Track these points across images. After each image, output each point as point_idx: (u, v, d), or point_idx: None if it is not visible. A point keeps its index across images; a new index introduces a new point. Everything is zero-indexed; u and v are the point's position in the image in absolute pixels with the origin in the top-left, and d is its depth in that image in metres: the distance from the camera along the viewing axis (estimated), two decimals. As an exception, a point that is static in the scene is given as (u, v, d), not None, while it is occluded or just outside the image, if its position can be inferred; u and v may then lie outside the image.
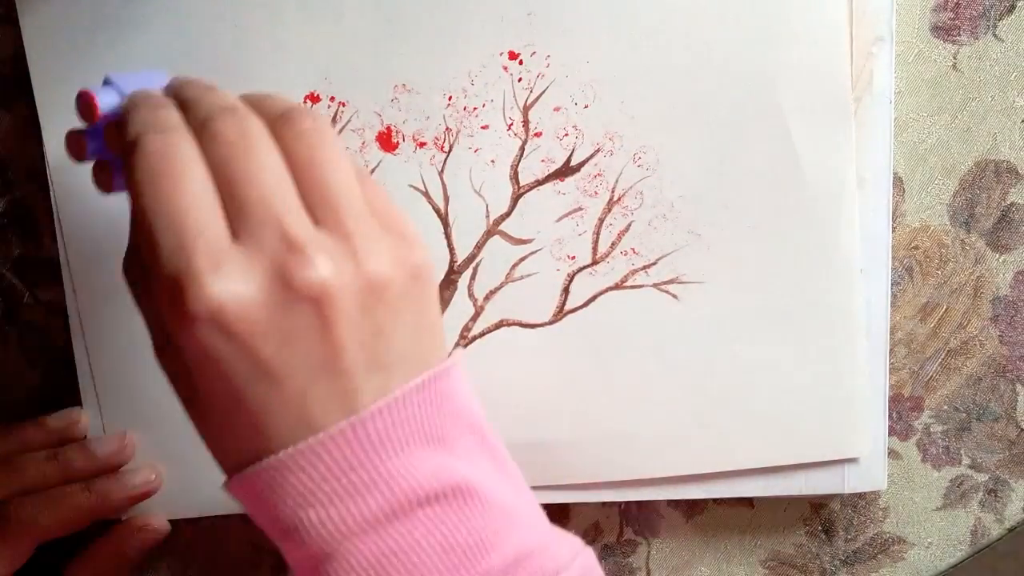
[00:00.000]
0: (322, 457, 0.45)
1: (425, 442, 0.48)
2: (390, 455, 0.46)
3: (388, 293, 0.46)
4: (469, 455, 0.50)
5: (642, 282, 0.65)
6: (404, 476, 0.46)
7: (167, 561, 0.73)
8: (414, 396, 0.47)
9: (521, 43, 0.63)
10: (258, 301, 0.44)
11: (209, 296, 0.43)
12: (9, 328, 0.70)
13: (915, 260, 0.68)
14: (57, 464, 0.66)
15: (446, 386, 0.49)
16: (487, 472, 0.51)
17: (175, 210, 0.44)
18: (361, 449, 0.46)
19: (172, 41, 0.64)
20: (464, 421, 0.51)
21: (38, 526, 0.64)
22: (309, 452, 0.45)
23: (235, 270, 0.43)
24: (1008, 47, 0.66)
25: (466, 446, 0.50)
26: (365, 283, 0.45)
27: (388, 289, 0.46)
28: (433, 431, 0.48)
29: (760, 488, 0.67)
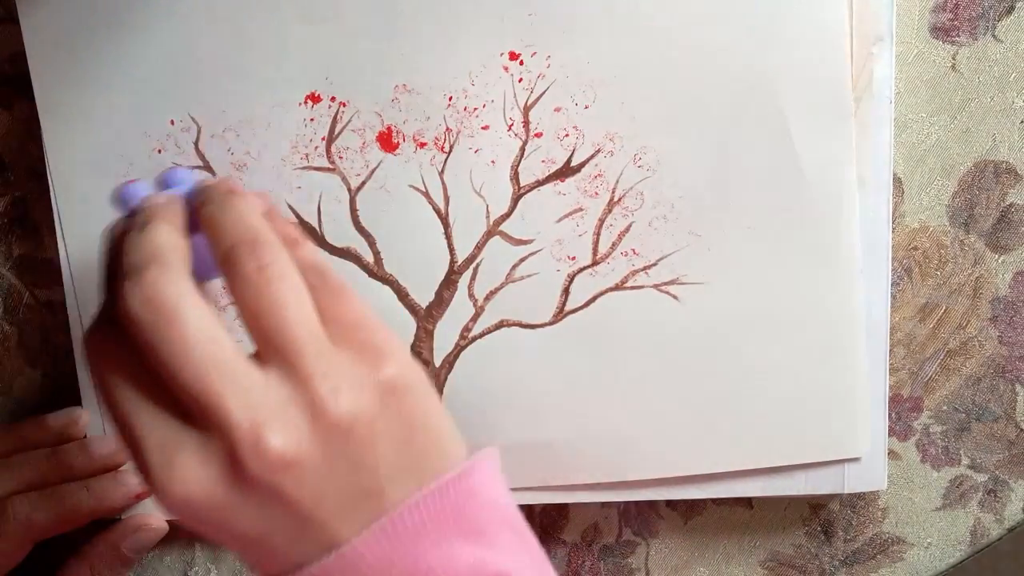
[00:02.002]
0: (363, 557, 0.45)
1: (464, 537, 0.47)
2: (428, 548, 0.46)
3: (357, 427, 0.45)
4: (509, 549, 0.49)
5: (642, 283, 0.65)
6: (442, 567, 0.45)
7: (166, 561, 0.73)
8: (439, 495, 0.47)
9: (522, 43, 0.63)
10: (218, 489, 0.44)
11: (171, 494, 0.43)
12: (9, 328, 0.70)
13: (914, 261, 0.68)
14: (56, 463, 0.66)
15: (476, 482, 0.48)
16: (525, 565, 0.50)
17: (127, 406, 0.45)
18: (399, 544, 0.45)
19: (172, 41, 0.64)
20: (500, 515, 0.49)
21: (36, 524, 0.64)
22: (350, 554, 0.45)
23: (187, 460, 0.44)
24: (1007, 48, 0.66)
25: (505, 541, 0.49)
26: (327, 430, 0.44)
27: (356, 424, 0.45)
28: (471, 525, 0.47)
29: (760, 488, 0.67)
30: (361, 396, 0.45)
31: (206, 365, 0.43)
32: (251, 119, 0.65)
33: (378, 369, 0.46)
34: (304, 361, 0.45)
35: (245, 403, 0.43)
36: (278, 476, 0.43)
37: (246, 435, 0.43)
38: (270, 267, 0.46)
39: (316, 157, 0.65)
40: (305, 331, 0.45)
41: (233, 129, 0.65)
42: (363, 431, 0.45)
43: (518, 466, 0.67)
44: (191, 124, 0.65)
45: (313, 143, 0.65)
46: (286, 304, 0.45)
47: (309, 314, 0.46)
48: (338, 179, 0.65)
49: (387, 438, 0.46)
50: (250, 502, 0.44)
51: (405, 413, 0.47)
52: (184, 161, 0.65)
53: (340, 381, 0.45)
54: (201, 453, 0.44)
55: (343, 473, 0.45)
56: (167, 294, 0.44)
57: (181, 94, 0.65)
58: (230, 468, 0.43)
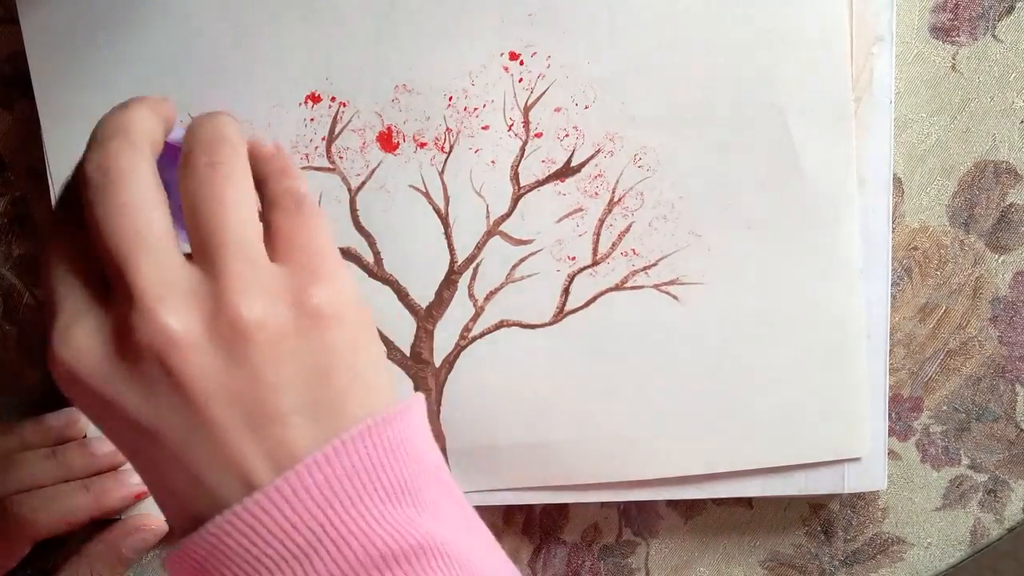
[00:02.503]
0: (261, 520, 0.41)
1: (384, 496, 0.43)
2: (337, 512, 0.42)
3: (259, 334, 0.42)
4: (435, 508, 0.45)
5: (642, 283, 0.65)
6: (355, 535, 0.42)
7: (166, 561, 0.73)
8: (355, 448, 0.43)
9: (522, 44, 0.63)
10: (104, 358, 0.42)
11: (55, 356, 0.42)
12: (9, 328, 0.70)
13: (914, 261, 0.68)
14: (56, 462, 0.66)
15: (401, 434, 0.45)
16: (456, 528, 0.46)
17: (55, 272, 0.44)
18: (306, 506, 0.42)
19: (172, 41, 0.64)
20: (428, 470, 0.46)
21: (36, 524, 0.64)
22: (244, 513, 0.41)
23: (83, 328, 0.42)
24: (1007, 48, 0.66)
25: (433, 497, 0.45)
26: (227, 326, 0.42)
27: (260, 330, 0.42)
28: (394, 482, 0.44)
29: (760, 488, 0.67)
30: (275, 308, 0.43)
31: (132, 233, 0.42)
32: (251, 119, 0.65)
33: (307, 290, 0.44)
34: (225, 261, 0.43)
35: (155, 276, 0.42)
36: (164, 349, 0.41)
37: (144, 303, 0.41)
38: (220, 165, 0.44)
39: (316, 157, 0.65)
40: (235, 231, 0.43)
41: (233, 129, 0.65)
42: (266, 342, 0.42)
43: (518, 465, 0.67)
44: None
45: (313, 143, 0.65)
46: (224, 203, 0.43)
47: (247, 220, 0.44)
48: (338, 179, 0.65)
49: (296, 362, 0.43)
50: (136, 379, 0.42)
51: (325, 344, 0.44)
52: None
53: (255, 286, 0.43)
54: (97, 321, 0.42)
55: (239, 379, 0.42)
56: (120, 163, 0.43)
57: (181, 94, 0.65)
58: (119, 337, 0.42)
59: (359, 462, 0.43)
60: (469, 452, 0.66)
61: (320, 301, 0.44)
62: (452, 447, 0.67)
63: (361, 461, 0.43)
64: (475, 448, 0.67)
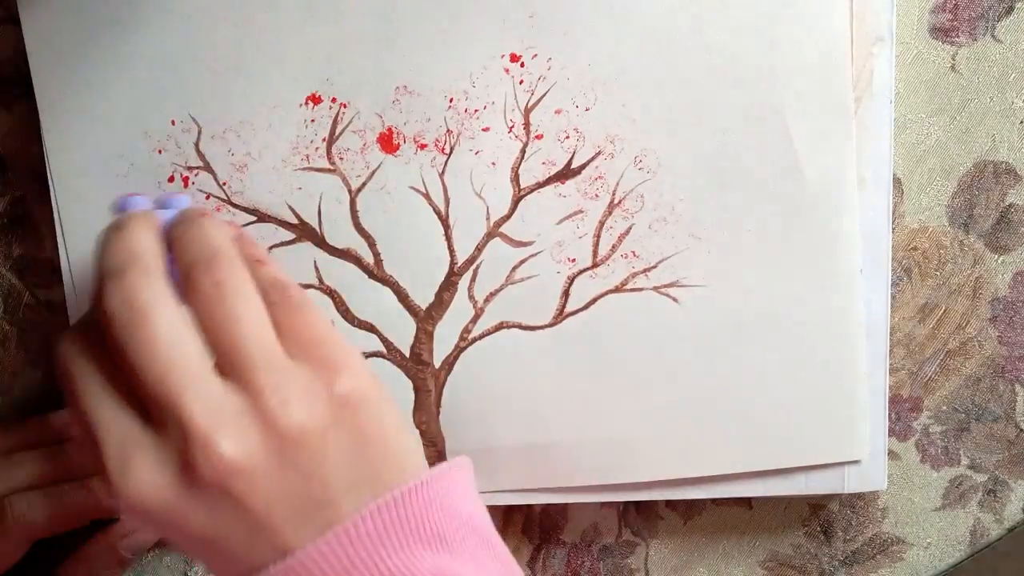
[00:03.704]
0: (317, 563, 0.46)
1: (425, 543, 0.48)
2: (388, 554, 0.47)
3: (308, 439, 0.47)
4: (473, 556, 0.50)
5: (642, 285, 0.65)
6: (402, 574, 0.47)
7: (165, 562, 0.73)
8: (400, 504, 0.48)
9: (522, 45, 0.63)
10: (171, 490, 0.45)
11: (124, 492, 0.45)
12: (9, 328, 0.70)
13: (914, 261, 0.68)
14: (55, 462, 0.66)
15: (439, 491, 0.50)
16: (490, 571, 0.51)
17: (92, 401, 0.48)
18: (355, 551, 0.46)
19: (173, 42, 0.64)
20: (463, 523, 0.50)
21: (34, 523, 0.64)
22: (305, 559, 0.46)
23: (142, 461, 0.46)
24: (1007, 48, 0.66)
25: (469, 547, 0.50)
26: (278, 441, 0.46)
27: (307, 435, 0.47)
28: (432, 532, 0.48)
29: (759, 488, 0.67)
30: (313, 408, 0.47)
31: (170, 367, 0.45)
32: (252, 120, 0.65)
33: (332, 383, 0.48)
34: (256, 374, 0.46)
35: (202, 408, 0.45)
36: (228, 480, 0.45)
37: (200, 438, 0.45)
38: (225, 283, 0.48)
39: (317, 158, 0.65)
40: (258, 345, 0.47)
41: (234, 130, 0.65)
42: (314, 442, 0.47)
43: (518, 467, 0.67)
44: (192, 124, 0.65)
45: (314, 144, 0.65)
46: (239, 319, 0.47)
47: (263, 329, 0.48)
48: (339, 180, 0.65)
49: (339, 450, 0.48)
50: (201, 505, 0.46)
51: (359, 426, 0.49)
52: (184, 161, 0.65)
53: (291, 394, 0.47)
54: (157, 454, 0.46)
55: (294, 482, 0.47)
56: (143, 296, 0.46)
57: (182, 94, 0.65)
58: (182, 470, 0.45)
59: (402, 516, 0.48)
60: (469, 453, 0.66)
61: (347, 390, 0.48)
62: (452, 448, 0.67)
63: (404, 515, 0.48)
64: (475, 449, 0.67)
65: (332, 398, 0.48)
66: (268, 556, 0.47)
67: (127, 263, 0.48)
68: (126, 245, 0.49)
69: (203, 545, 0.47)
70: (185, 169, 0.65)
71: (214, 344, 0.47)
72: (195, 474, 0.45)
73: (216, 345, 0.47)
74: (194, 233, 0.50)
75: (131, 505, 0.46)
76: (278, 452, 0.46)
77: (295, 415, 0.46)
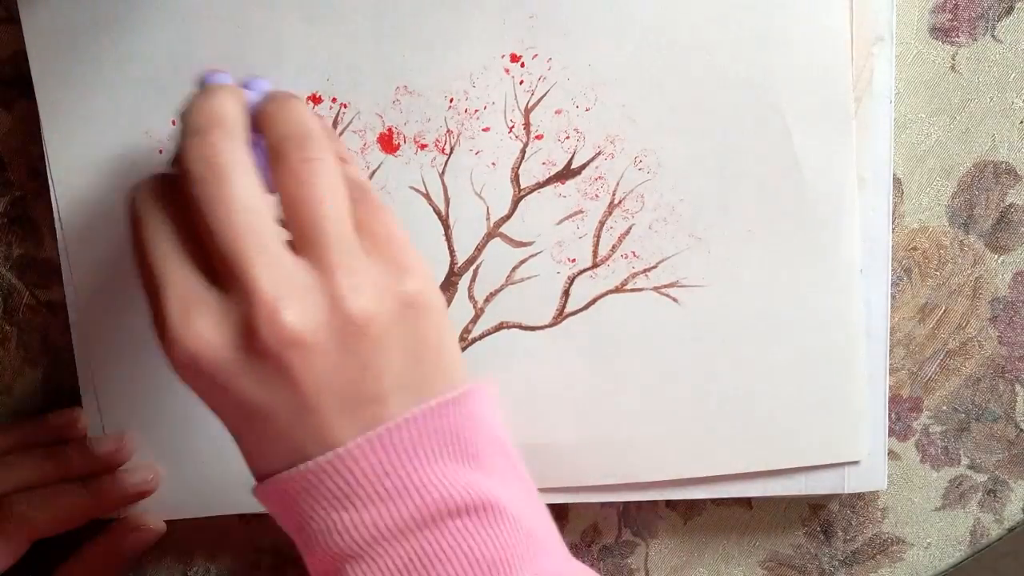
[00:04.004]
0: (358, 462, 0.46)
1: (459, 458, 0.48)
2: (423, 464, 0.47)
3: (371, 328, 0.47)
4: (502, 476, 0.51)
5: (642, 285, 0.65)
6: (436, 486, 0.47)
7: (165, 562, 0.73)
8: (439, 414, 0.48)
9: (523, 45, 0.63)
10: (228, 351, 0.46)
11: (182, 346, 0.46)
12: (9, 328, 0.70)
13: (914, 261, 0.68)
14: (55, 462, 0.66)
15: (475, 408, 0.50)
16: (517, 495, 0.51)
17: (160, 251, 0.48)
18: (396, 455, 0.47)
19: (173, 42, 0.64)
20: (495, 442, 0.51)
21: (34, 523, 0.64)
22: (347, 457, 0.46)
23: (204, 317, 0.46)
24: (1007, 48, 0.66)
25: (499, 467, 0.51)
26: (342, 321, 0.46)
27: (371, 324, 0.47)
28: (467, 448, 0.49)
29: (759, 488, 0.67)
30: (381, 301, 0.48)
31: (244, 230, 0.46)
32: (252, 120, 0.65)
33: (402, 282, 0.49)
34: (332, 255, 0.47)
35: (271, 276, 0.45)
36: (288, 351, 0.45)
37: (265, 305, 0.45)
38: (314, 161, 0.48)
39: (317, 158, 0.65)
40: (338, 227, 0.47)
41: (233, 130, 0.65)
42: (377, 333, 0.47)
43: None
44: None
45: (314, 144, 0.65)
46: (323, 199, 0.47)
47: (344, 213, 0.48)
48: (338, 180, 0.65)
49: (398, 348, 0.48)
50: (255, 371, 0.46)
51: (420, 329, 0.49)
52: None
53: (363, 281, 0.47)
54: (219, 314, 0.46)
55: (350, 370, 0.47)
56: (224, 156, 0.47)
57: (182, 94, 0.64)
58: (243, 333, 0.46)
59: (440, 427, 0.48)
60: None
61: (415, 290, 0.49)
62: (452, 448, 0.67)
63: (442, 426, 0.48)
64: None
65: (399, 296, 0.48)
66: (310, 445, 0.47)
67: (211, 123, 0.48)
68: (212, 107, 0.49)
69: (245, 418, 0.48)
70: (185, 169, 0.65)
71: (294, 218, 0.48)
72: (255, 339, 0.45)
73: (296, 220, 0.48)
74: (288, 110, 0.51)
75: (185, 358, 0.46)
76: (340, 334, 0.46)
77: (363, 301, 0.47)
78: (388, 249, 0.50)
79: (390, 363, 0.48)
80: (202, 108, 0.50)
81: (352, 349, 0.47)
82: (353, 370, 0.47)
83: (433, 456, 0.48)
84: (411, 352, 0.49)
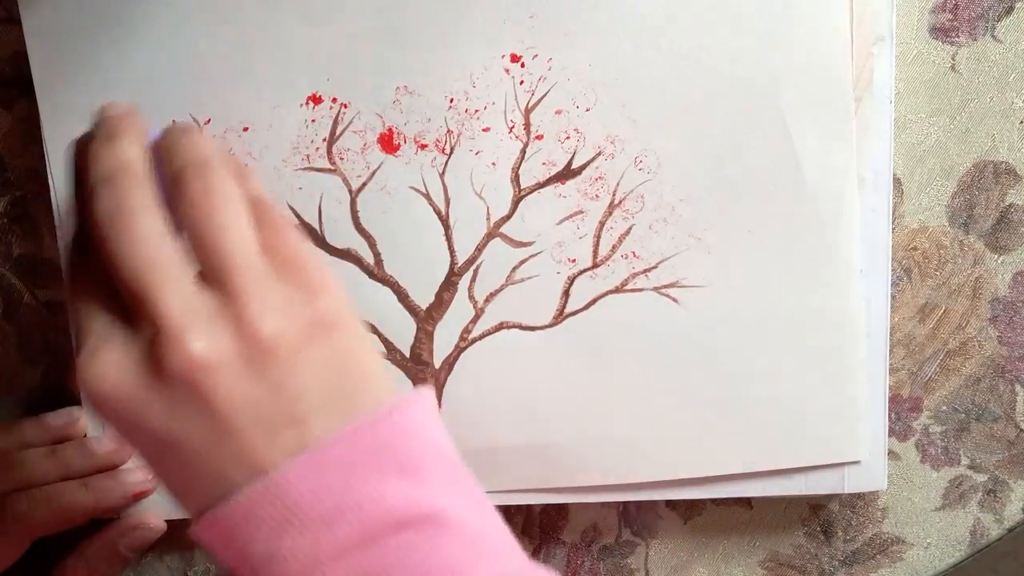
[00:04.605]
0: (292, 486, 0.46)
1: (396, 472, 0.48)
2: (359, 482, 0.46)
3: (280, 349, 0.47)
4: (445, 485, 0.50)
5: (642, 285, 0.65)
6: (375, 503, 0.46)
7: (166, 561, 0.73)
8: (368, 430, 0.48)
9: (523, 46, 0.63)
10: (134, 382, 0.46)
11: (86, 380, 0.46)
12: (9, 328, 0.70)
13: (914, 261, 0.68)
14: (55, 461, 0.66)
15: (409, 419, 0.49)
16: (463, 502, 0.50)
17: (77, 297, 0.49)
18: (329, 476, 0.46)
19: (173, 42, 0.64)
20: (436, 452, 0.50)
21: (34, 522, 0.64)
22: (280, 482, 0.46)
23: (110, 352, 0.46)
24: (1007, 48, 0.66)
25: (441, 476, 0.50)
26: (251, 344, 0.46)
27: (280, 345, 0.47)
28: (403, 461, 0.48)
29: (759, 488, 0.67)
30: (290, 322, 0.47)
31: (149, 262, 0.46)
32: (252, 120, 0.65)
33: (311, 302, 0.48)
34: (238, 280, 0.46)
35: (177, 304, 0.45)
36: (197, 375, 0.45)
37: (171, 331, 0.45)
38: (214, 189, 0.48)
39: (317, 158, 0.65)
40: (243, 253, 0.47)
41: (234, 130, 0.65)
42: (285, 354, 0.47)
43: (518, 467, 0.67)
44: (192, 124, 0.65)
45: (314, 144, 0.65)
46: (225, 224, 0.47)
47: (248, 239, 0.48)
48: (339, 180, 0.65)
49: (312, 368, 0.47)
50: (165, 399, 0.45)
51: (333, 347, 0.48)
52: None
53: (270, 304, 0.47)
54: (125, 348, 0.46)
55: (263, 391, 0.46)
56: (131, 201, 0.47)
57: (182, 94, 0.65)
58: (151, 363, 0.45)
59: (372, 443, 0.47)
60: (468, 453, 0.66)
61: (324, 310, 0.48)
62: (452, 448, 0.67)
63: (374, 442, 0.47)
64: (474, 449, 0.67)
65: (309, 316, 0.48)
66: (235, 472, 0.46)
67: (118, 171, 0.48)
68: (117, 154, 0.49)
69: (165, 451, 0.47)
70: (185, 169, 0.65)
71: (198, 248, 0.48)
72: (161, 365, 0.45)
73: (200, 249, 0.47)
74: (186, 141, 0.51)
75: (93, 395, 0.46)
76: (248, 357, 0.46)
77: (271, 323, 0.46)
78: (296, 270, 0.49)
79: (306, 384, 0.47)
80: (106, 156, 0.50)
81: (263, 372, 0.46)
82: (267, 392, 0.46)
83: (367, 473, 0.47)
84: (328, 372, 0.48)
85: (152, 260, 0.46)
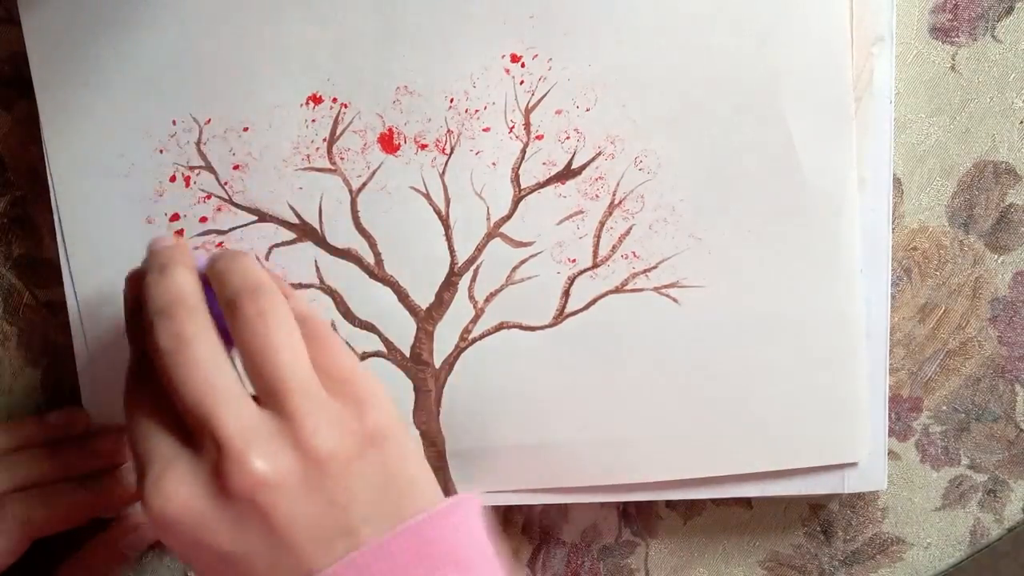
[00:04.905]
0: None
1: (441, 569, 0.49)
2: None
3: (332, 465, 0.49)
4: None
5: (642, 286, 0.65)
6: None
7: (166, 561, 0.73)
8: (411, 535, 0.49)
9: (523, 45, 0.63)
10: (202, 502, 0.48)
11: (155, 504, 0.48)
12: (9, 328, 0.70)
13: (914, 261, 0.68)
14: (55, 461, 0.66)
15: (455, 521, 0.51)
16: None
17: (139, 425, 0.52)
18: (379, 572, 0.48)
19: (173, 42, 0.64)
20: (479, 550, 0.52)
21: (34, 522, 0.64)
22: None
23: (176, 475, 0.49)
24: (1007, 48, 0.66)
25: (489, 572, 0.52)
26: (306, 464, 0.49)
27: (332, 461, 0.49)
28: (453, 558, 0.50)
29: (759, 488, 0.67)
30: (342, 438, 0.50)
31: (208, 386, 0.49)
32: (253, 119, 0.65)
33: (361, 417, 0.51)
34: (294, 401, 0.50)
35: (238, 426, 0.48)
36: (258, 494, 0.48)
37: (233, 452, 0.48)
38: (269, 313, 0.52)
39: (317, 158, 0.65)
40: (297, 374, 0.50)
41: (235, 129, 0.65)
42: (339, 469, 0.49)
43: (518, 467, 0.67)
44: (192, 124, 0.65)
45: (314, 144, 0.65)
46: (281, 348, 0.51)
47: (302, 359, 0.51)
48: (339, 180, 0.65)
49: (363, 480, 0.50)
50: (230, 517, 0.48)
51: (383, 460, 0.51)
52: (185, 161, 0.65)
53: (323, 422, 0.50)
54: (191, 468, 0.49)
55: (317, 504, 0.49)
56: (188, 330, 0.51)
57: (182, 94, 0.65)
58: (214, 482, 0.48)
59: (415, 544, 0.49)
60: (469, 453, 0.67)
61: (373, 424, 0.52)
62: (452, 448, 0.67)
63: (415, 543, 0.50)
64: (475, 449, 0.67)
65: (360, 431, 0.51)
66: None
67: (173, 302, 0.52)
68: (170, 286, 0.53)
69: (227, 566, 0.49)
70: (186, 169, 0.65)
71: (253, 369, 0.51)
72: (226, 486, 0.47)
73: (255, 370, 0.51)
74: (237, 266, 0.54)
75: (163, 519, 0.48)
76: (305, 474, 0.49)
77: (325, 441, 0.49)
78: (346, 386, 0.52)
79: (355, 496, 0.50)
80: (161, 288, 0.53)
81: (317, 486, 0.49)
82: (321, 506, 0.49)
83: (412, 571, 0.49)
84: (377, 482, 0.51)
85: (212, 384, 0.49)
